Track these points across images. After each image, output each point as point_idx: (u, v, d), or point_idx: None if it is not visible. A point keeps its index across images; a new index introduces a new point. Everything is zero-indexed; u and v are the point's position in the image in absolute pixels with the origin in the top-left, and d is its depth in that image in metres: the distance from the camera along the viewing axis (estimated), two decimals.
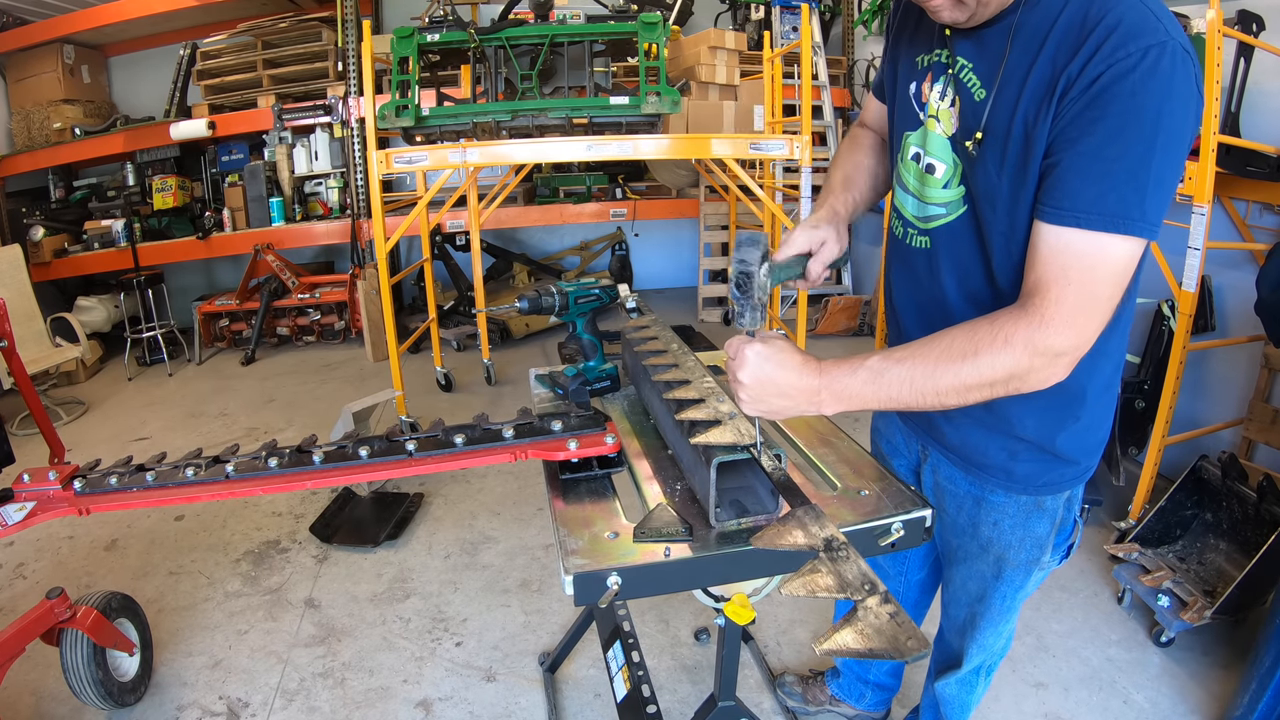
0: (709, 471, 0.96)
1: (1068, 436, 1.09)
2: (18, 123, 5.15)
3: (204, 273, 5.95)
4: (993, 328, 0.87)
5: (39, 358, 3.81)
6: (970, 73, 0.98)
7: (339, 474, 1.23)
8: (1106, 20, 0.83)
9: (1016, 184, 0.93)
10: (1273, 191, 2.43)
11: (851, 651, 0.70)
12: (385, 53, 3.21)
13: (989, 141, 0.95)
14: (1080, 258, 0.85)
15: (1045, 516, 1.16)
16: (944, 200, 1.05)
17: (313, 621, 2.25)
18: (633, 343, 1.30)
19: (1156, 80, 0.81)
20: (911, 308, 1.18)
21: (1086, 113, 0.84)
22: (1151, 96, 0.81)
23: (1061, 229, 0.85)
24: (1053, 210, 0.86)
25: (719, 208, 5.23)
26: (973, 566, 1.26)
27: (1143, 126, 0.81)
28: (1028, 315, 0.86)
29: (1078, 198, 0.84)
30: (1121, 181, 0.82)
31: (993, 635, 1.34)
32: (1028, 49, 0.90)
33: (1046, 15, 0.88)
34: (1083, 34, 0.85)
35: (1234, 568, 2.11)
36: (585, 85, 3.13)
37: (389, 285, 3.19)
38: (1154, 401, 2.45)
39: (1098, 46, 0.83)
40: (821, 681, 1.89)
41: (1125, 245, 0.84)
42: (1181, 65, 0.81)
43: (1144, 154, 0.82)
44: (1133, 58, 0.81)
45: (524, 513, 2.82)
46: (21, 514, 1.29)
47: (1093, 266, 0.85)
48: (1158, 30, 0.82)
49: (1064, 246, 0.86)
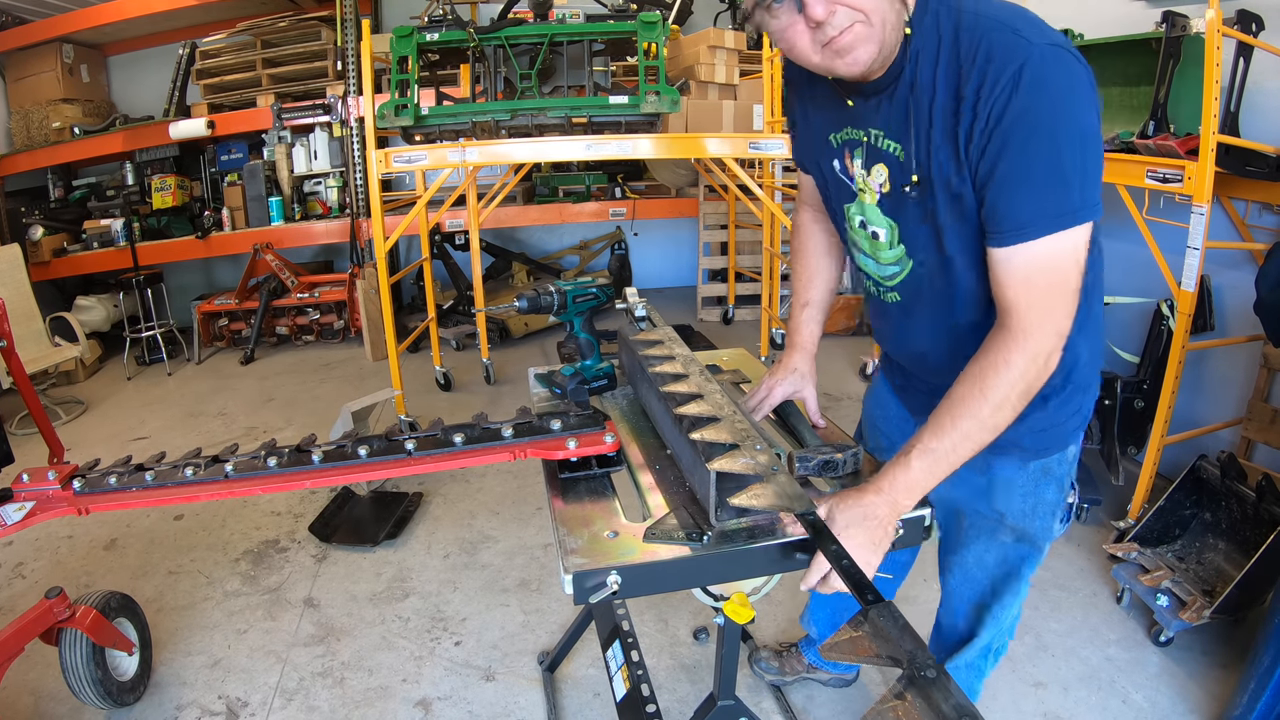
0: (709, 473, 0.96)
1: (1064, 396, 1.16)
2: (17, 122, 5.14)
3: (203, 272, 5.94)
4: (987, 360, 0.96)
5: (38, 357, 3.81)
6: (885, 139, 1.05)
7: (338, 473, 1.23)
8: (977, 59, 0.91)
9: (958, 218, 1.01)
10: (1272, 191, 2.43)
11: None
12: (384, 52, 3.20)
13: (924, 190, 1.02)
14: (1036, 265, 0.93)
15: (1052, 482, 1.23)
16: (894, 259, 1.15)
17: (312, 621, 2.25)
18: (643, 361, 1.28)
19: (1034, 93, 0.88)
20: (904, 354, 1.29)
21: (991, 147, 0.91)
22: (1035, 108, 0.88)
23: (1012, 248, 0.94)
24: (998, 235, 0.95)
25: (718, 207, 5.23)
26: (990, 541, 1.31)
27: (1041, 136, 0.89)
28: (1010, 333, 0.95)
29: (1014, 218, 0.93)
30: (1044, 189, 0.90)
31: (1005, 612, 1.37)
32: (923, 99, 0.98)
33: (928, 67, 0.96)
34: (961, 78, 0.93)
35: (1233, 567, 2.11)
36: (585, 84, 3.13)
37: (388, 284, 3.19)
38: (1153, 401, 2.45)
39: (978, 87, 0.91)
40: (797, 651, 1.93)
41: (1069, 236, 0.92)
42: (1052, 66, 0.88)
43: (1052, 157, 0.89)
44: (1007, 85, 0.88)
45: (523, 512, 2.82)
46: (21, 514, 1.29)
47: (1049, 268, 0.93)
48: (1020, 47, 0.89)
49: (1020, 262, 0.94)
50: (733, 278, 5.30)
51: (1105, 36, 2.60)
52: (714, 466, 0.95)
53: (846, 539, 0.94)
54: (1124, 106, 2.66)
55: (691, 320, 5.38)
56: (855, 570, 0.86)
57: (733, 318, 5.36)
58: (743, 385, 1.51)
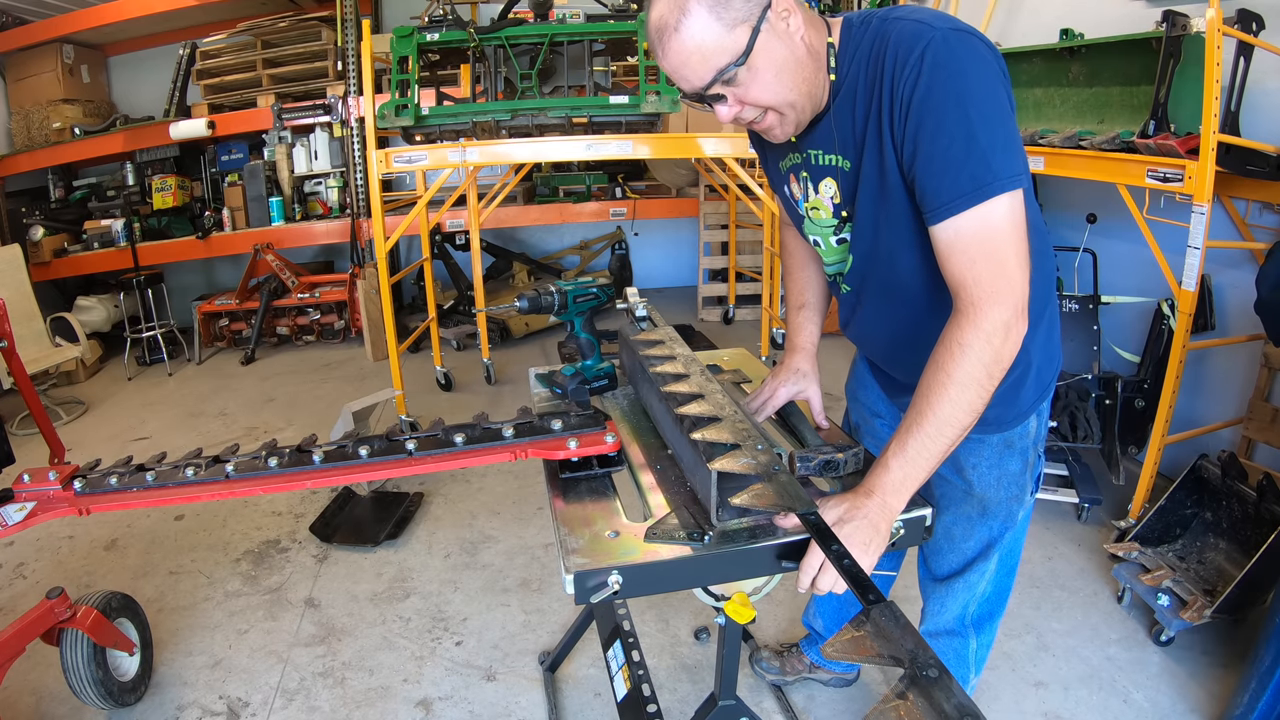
0: (710, 473, 0.96)
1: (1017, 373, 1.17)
2: (17, 122, 5.14)
3: (204, 272, 5.94)
4: (944, 345, 0.98)
5: (39, 357, 3.81)
6: (824, 155, 1.12)
7: (339, 473, 1.23)
8: (886, 53, 0.98)
9: (886, 206, 1.06)
10: (1272, 190, 2.43)
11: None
12: (385, 52, 3.20)
13: (863, 195, 1.08)
14: (971, 236, 0.96)
15: (1015, 454, 1.27)
16: (837, 259, 1.22)
17: (313, 621, 2.25)
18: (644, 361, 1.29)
19: (939, 71, 0.93)
20: (865, 342, 1.36)
21: (908, 129, 0.97)
22: (941, 86, 0.93)
23: (944, 223, 0.97)
24: (931, 213, 0.98)
25: (719, 207, 5.23)
26: (959, 510, 1.34)
27: (951, 112, 0.93)
28: (962, 313, 0.98)
29: (940, 194, 0.96)
30: (962, 161, 0.94)
31: (977, 575, 1.39)
32: (852, 111, 1.04)
33: (851, 82, 1.04)
34: (877, 73, 0.99)
35: (1234, 567, 2.11)
36: (585, 84, 3.12)
37: (389, 285, 3.19)
38: (1154, 400, 2.45)
39: (892, 77, 0.97)
40: (798, 651, 1.93)
41: (998, 204, 0.94)
42: (953, 44, 0.93)
43: (966, 130, 0.93)
44: (913, 67, 0.94)
45: (524, 512, 2.82)
46: (22, 514, 1.29)
47: (984, 238, 0.95)
48: (922, 32, 0.95)
49: (954, 235, 0.97)
50: (733, 277, 5.30)
51: (1105, 36, 2.60)
52: (715, 466, 0.95)
53: (858, 551, 0.94)
54: (1124, 106, 2.66)
55: (692, 320, 5.38)
56: (857, 570, 0.86)
57: (733, 317, 5.36)
58: (743, 385, 1.51)
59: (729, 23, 0.93)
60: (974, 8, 3.43)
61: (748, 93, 0.99)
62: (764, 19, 0.94)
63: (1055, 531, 2.55)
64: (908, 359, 1.23)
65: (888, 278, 1.16)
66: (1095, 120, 2.75)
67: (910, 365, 1.23)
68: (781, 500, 0.92)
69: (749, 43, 0.94)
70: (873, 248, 1.14)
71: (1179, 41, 2.26)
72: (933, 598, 1.47)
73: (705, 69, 0.96)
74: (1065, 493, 2.63)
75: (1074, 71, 2.77)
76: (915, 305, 1.15)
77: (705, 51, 0.94)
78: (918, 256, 1.08)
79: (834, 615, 1.78)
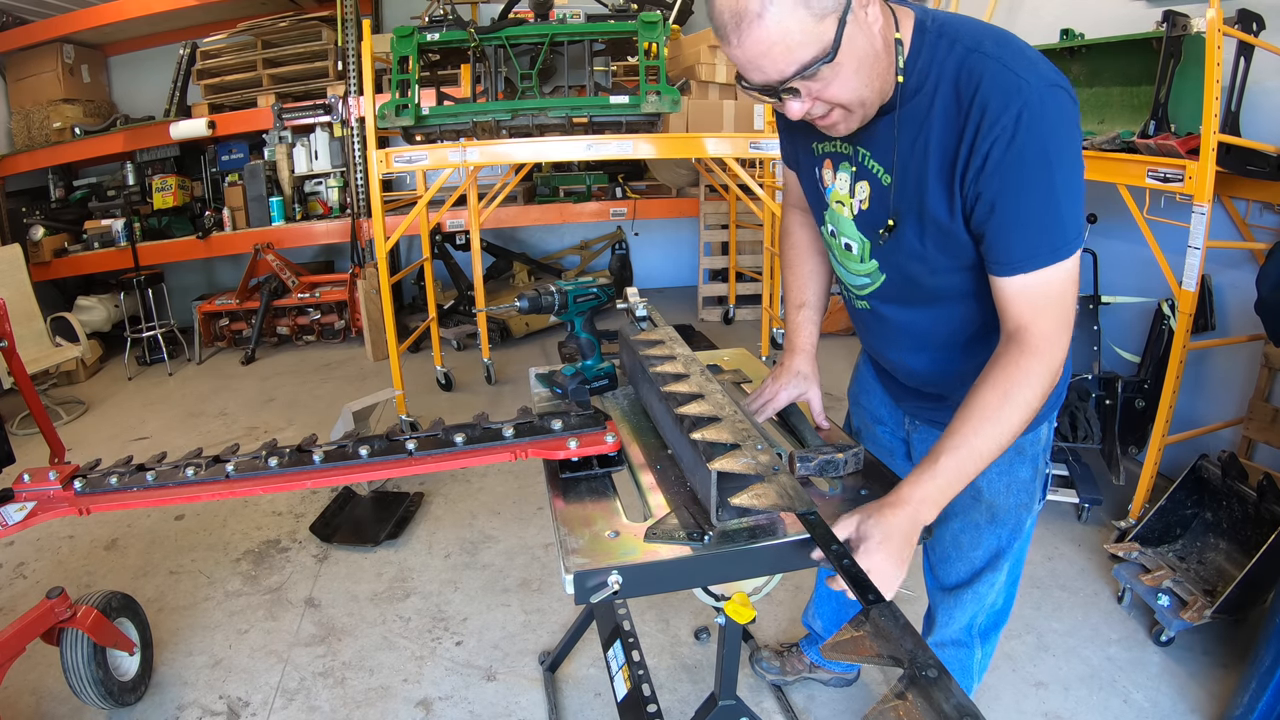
0: (710, 473, 0.96)
1: None
2: (17, 122, 5.14)
3: (204, 272, 5.94)
4: (1007, 373, 0.99)
5: (39, 357, 3.81)
6: (871, 159, 1.07)
7: (339, 473, 1.23)
8: (977, 98, 0.93)
9: (940, 246, 1.05)
10: (1273, 191, 2.42)
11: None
12: (385, 52, 3.20)
13: (905, 220, 1.06)
14: (1038, 292, 0.98)
15: (1025, 461, 1.27)
16: (865, 272, 1.18)
17: (313, 621, 2.25)
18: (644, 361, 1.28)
19: (1033, 133, 0.91)
20: (886, 353, 1.32)
21: (990, 185, 0.94)
22: (1035, 149, 0.91)
23: (1014, 278, 0.98)
24: (1001, 266, 0.99)
25: (719, 207, 5.23)
26: (967, 518, 1.33)
27: (1039, 176, 0.92)
28: (1030, 348, 0.98)
29: (1013, 251, 0.97)
30: (1041, 225, 0.95)
31: (987, 587, 1.38)
32: (918, 134, 1.00)
33: (924, 100, 0.99)
34: (960, 115, 0.95)
35: (1234, 567, 2.11)
36: (585, 84, 3.12)
37: (389, 284, 3.19)
38: (1154, 401, 2.45)
39: (977, 127, 0.93)
40: (798, 651, 1.93)
41: (1065, 265, 0.97)
42: (1050, 105, 0.91)
43: (1048, 195, 0.93)
44: (1008, 126, 0.91)
45: (524, 512, 2.82)
46: (22, 514, 1.29)
47: (1050, 295, 0.98)
48: (1019, 88, 0.91)
49: (1021, 290, 0.98)
50: (733, 277, 5.30)
51: (1106, 36, 2.60)
52: (715, 466, 0.95)
53: (868, 554, 0.93)
54: (1124, 106, 2.66)
55: (692, 320, 5.37)
56: (856, 569, 0.86)
57: (733, 317, 5.36)
58: (743, 385, 1.51)
59: (818, 12, 0.85)
60: (974, 8, 3.43)
61: (826, 89, 0.92)
62: (849, 9, 0.87)
63: (1055, 531, 2.55)
64: (935, 373, 1.24)
65: (920, 307, 1.15)
66: (1096, 120, 2.75)
67: (939, 378, 1.25)
68: (781, 501, 0.92)
69: (837, 35, 0.87)
70: (909, 272, 1.11)
71: (1179, 41, 2.26)
72: (941, 608, 1.46)
73: (788, 62, 0.88)
74: (1065, 493, 2.63)
75: (1074, 71, 2.77)
76: (952, 324, 1.15)
77: (790, 43, 0.86)
78: (962, 283, 1.08)
79: (833, 615, 1.78)
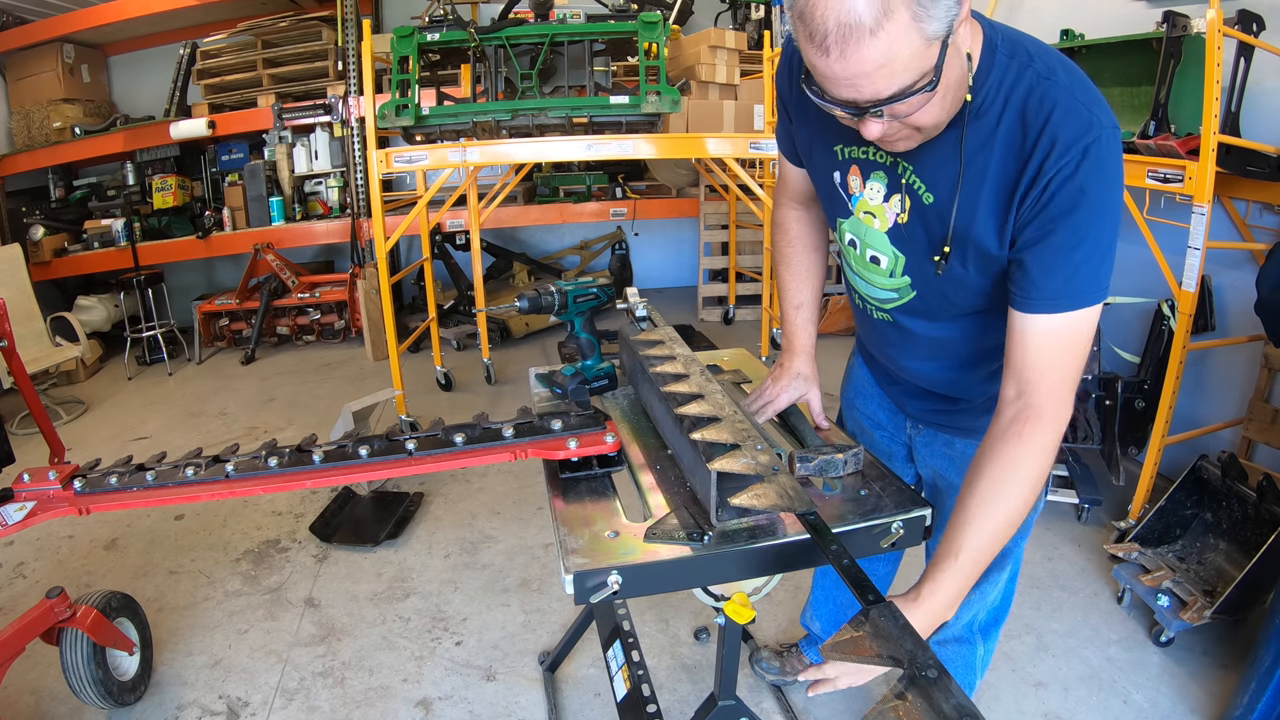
0: (710, 473, 0.96)
1: None
2: (18, 122, 5.14)
3: (204, 272, 5.94)
4: (1020, 445, 0.96)
5: (39, 357, 3.81)
6: (914, 175, 1.02)
7: (339, 473, 1.23)
8: (1048, 129, 0.89)
9: (983, 270, 1.02)
10: (1273, 191, 2.42)
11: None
12: (385, 52, 3.20)
13: (955, 240, 1.01)
14: (1058, 338, 0.95)
15: None
16: (893, 287, 1.14)
17: (312, 621, 2.25)
18: (644, 361, 1.28)
19: (1097, 173, 0.88)
20: (889, 362, 1.32)
21: (1043, 215, 0.91)
22: (1095, 189, 0.89)
23: (1039, 316, 0.95)
24: (1030, 302, 0.95)
25: (719, 207, 5.23)
26: None
27: (1093, 217, 0.90)
28: (1038, 413, 0.95)
29: (1047, 289, 0.94)
30: (1083, 267, 0.92)
31: (990, 585, 1.39)
32: (976, 156, 0.95)
33: (989, 122, 0.94)
34: (1025, 142, 0.91)
35: (1234, 567, 2.11)
36: (585, 84, 3.13)
37: (389, 284, 3.19)
38: (1154, 401, 2.45)
39: (1044, 156, 0.89)
40: (798, 651, 1.93)
41: (1092, 312, 0.95)
42: (1111, 146, 0.89)
43: (1096, 239, 0.91)
44: (1074, 160, 0.88)
45: (524, 512, 2.82)
46: (21, 513, 1.29)
47: (1071, 343, 0.96)
48: (1090, 124, 0.88)
49: (1043, 330, 0.95)
50: (733, 278, 5.30)
51: (1106, 36, 2.60)
52: (715, 466, 0.95)
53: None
54: (1124, 106, 2.66)
55: (692, 320, 5.37)
56: (856, 570, 0.86)
57: (733, 318, 5.36)
58: (744, 385, 1.51)
59: (928, 35, 0.77)
60: (975, 7, 3.43)
61: (913, 112, 0.85)
62: (952, 32, 0.80)
63: (1055, 532, 2.55)
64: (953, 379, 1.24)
65: (947, 324, 1.14)
66: None
67: (956, 383, 1.25)
68: (781, 501, 0.92)
69: (939, 61, 0.80)
70: (946, 293, 1.08)
71: (1179, 42, 2.26)
72: None
73: (889, 85, 0.80)
74: (1065, 493, 2.63)
75: None
76: (980, 335, 1.14)
77: (896, 66, 0.78)
78: (994, 302, 1.06)
79: (831, 616, 1.78)
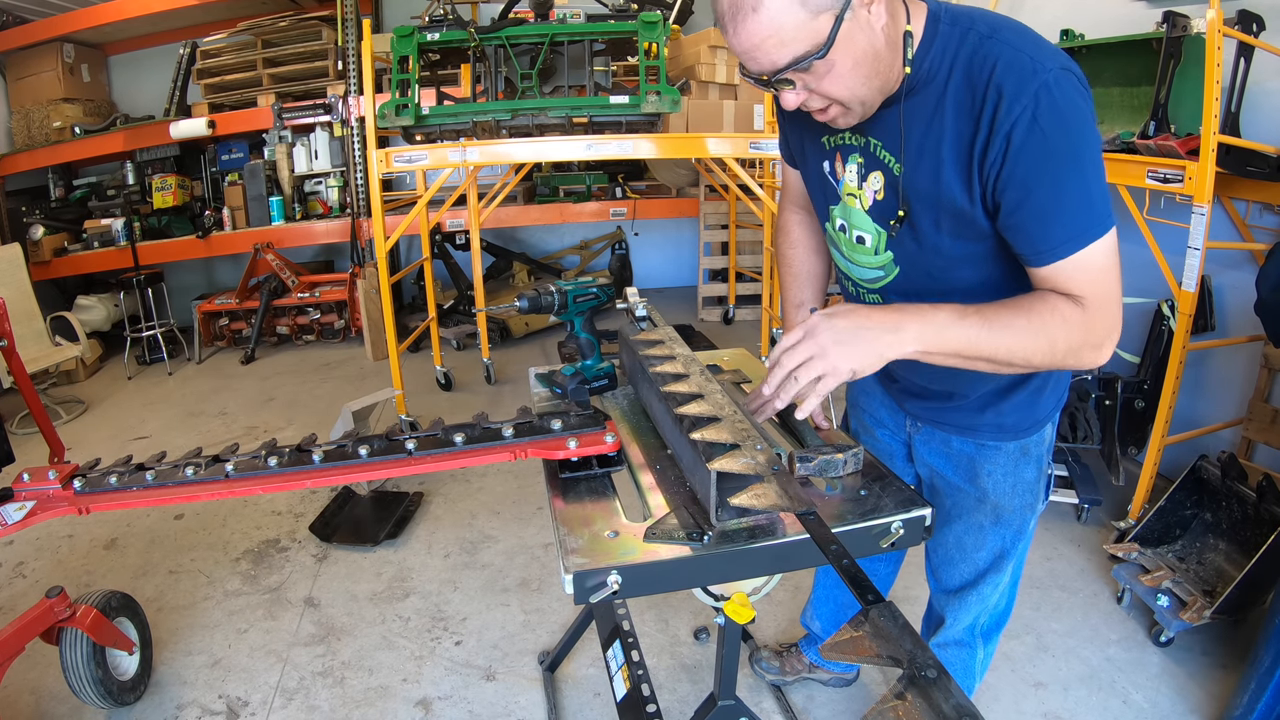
0: (709, 473, 0.96)
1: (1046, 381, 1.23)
2: (17, 121, 5.14)
3: (204, 272, 5.94)
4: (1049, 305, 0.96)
5: (39, 357, 3.81)
6: (883, 150, 1.06)
7: (339, 473, 1.23)
8: (992, 81, 0.92)
9: (956, 234, 1.03)
10: (1273, 191, 2.42)
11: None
12: (385, 52, 3.20)
13: (919, 209, 1.04)
14: (1079, 276, 0.96)
15: (1031, 462, 1.28)
16: (878, 264, 1.16)
17: (312, 620, 2.25)
18: (644, 361, 1.28)
19: (1055, 115, 0.90)
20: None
21: (1016, 171, 0.93)
22: (1058, 132, 0.90)
23: (1054, 266, 0.96)
24: (1038, 255, 0.97)
25: (719, 207, 5.23)
26: (971, 519, 1.33)
27: (1066, 159, 0.92)
28: (1080, 301, 0.96)
29: (1049, 238, 0.95)
30: (1073, 208, 0.94)
31: (990, 588, 1.38)
32: (931, 122, 0.99)
33: (936, 89, 0.98)
34: (974, 99, 0.94)
35: (1233, 568, 2.11)
36: (585, 84, 3.12)
37: (389, 284, 3.19)
38: (1154, 401, 2.45)
39: (995, 108, 0.92)
40: (797, 651, 1.94)
41: (1101, 243, 0.95)
42: (1064, 85, 0.90)
43: (1077, 177, 0.93)
44: (1026, 109, 0.90)
45: (524, 512, 2.82)
46: (21, 513, 1.29)
47: (1091, 277, 0.96)
48: (1034, 70, 0.90)
49: (1061, 275, 0.96)
50: (733, 277, 5.30)
51: (1106, 36, 2.60)
52: (714, 466, 0.95)
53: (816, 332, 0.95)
54: (1124, 106, 2.66)
55: (692, 320, 5.37)
56: (855, 569, 0.86)
57: (733, 318, 5.36)
58: (743, 385, 1.51)
59: (813, 9, 0.87)
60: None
61: (820, 83, 0.94)
62: (848, 8, 0.88)
63: (1055, 532, 2.55)
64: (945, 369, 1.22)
65: (938, 295, 1.11)
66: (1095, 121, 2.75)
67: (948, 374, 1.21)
68: (780, 501, 0.92)
69: (831, 33, 0.88)
70: (925, 265, 1.10)
71: (1179, 42, 2.26)
72: (946, 610, 1.46)
73: (780, 55, 0.90)
74: (1065, 493, 2.63)
75: None
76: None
77: (783, 37, 0.88)
78: (978, 274, 1.07)
79: (831, 616, 1.78)
